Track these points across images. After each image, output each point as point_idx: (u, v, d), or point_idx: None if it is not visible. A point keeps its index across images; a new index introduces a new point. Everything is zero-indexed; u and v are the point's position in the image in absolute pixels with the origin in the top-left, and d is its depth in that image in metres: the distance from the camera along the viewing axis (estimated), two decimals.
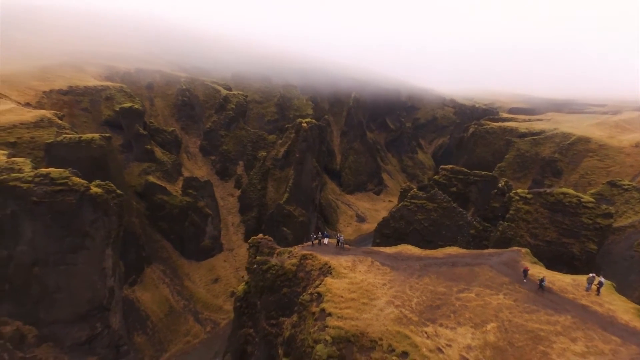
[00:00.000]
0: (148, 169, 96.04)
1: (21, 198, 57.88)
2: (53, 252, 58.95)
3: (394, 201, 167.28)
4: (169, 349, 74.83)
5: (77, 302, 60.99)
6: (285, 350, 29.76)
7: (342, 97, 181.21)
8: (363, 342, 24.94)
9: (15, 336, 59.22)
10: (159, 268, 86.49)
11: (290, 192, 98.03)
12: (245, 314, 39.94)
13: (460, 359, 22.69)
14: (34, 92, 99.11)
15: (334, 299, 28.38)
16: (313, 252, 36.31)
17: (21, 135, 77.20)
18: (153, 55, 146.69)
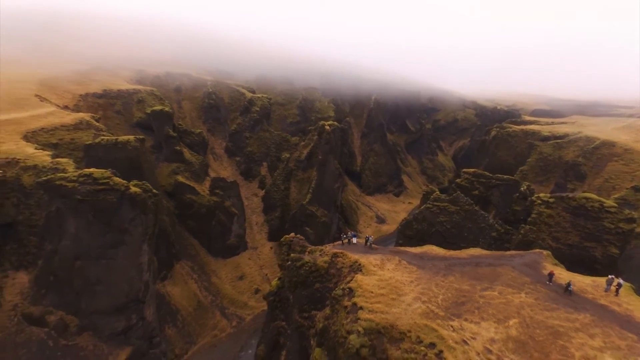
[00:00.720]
0: (177, 169, 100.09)
1: (66, 196, 62.14)
2: (94, 247, 63.01)
3: (413, 203, 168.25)
4: (198, 342, 78.28)
5: (115, 294, 64.89)
6: (318, 341, 32.13)
7: (362, 99, 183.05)
8: (393, 334, 27.10)
9: (59, 325, 63.51)
10: (188, 264, 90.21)
11: (313, 193, 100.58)
12: (278, 307, 42.59)
13: (484, 350, 24.64)
14: (72, 96, 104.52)
15: (365, 294, 30.63)
16: (343, 251, 38.67)
17: (62, 137, 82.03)
18: (180, 59, 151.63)
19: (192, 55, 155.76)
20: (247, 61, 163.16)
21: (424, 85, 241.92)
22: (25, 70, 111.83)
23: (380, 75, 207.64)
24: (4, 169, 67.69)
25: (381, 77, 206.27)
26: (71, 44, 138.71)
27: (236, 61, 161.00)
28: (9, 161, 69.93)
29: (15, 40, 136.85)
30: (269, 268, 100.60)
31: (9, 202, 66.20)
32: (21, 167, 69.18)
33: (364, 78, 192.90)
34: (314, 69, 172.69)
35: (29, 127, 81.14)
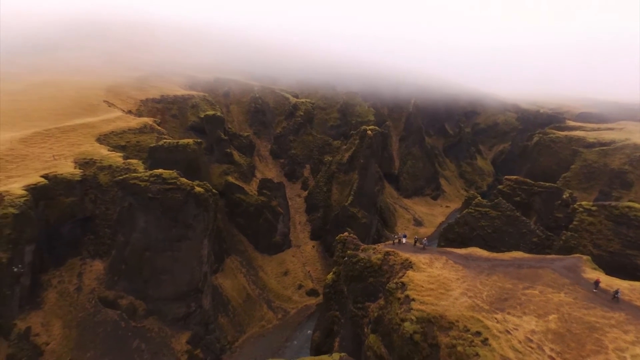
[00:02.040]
0: (227, 170, 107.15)
1: (138, 194, 69.72)
2: (161, 240, 70.27)
3: (451, 207, 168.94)
4: (247, 331, 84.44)
5: (178, 283, 71.94)
6: (373, 328, 36.45)
7: (401, 102, 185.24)
8: (442, 323, 31.03)
9: (130, 308, 71.21)
10: (237, 259, 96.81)
11: (355, 195, 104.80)
12: (332, 298, 47.28)
13: (526, 340, 28.13)
14: (134, 101, 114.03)
15: (416, 288, 34.68)
16: (394, 250, 42.83)
17: (130, 140, 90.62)
18: (228, 64, 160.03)
19: (239, 60, 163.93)
20: (290, 66, 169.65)
21: (464, 88, 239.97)
22: (91, 77, 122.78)
23: (419, 79, 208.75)
24: (84, 168, 76.41)
25: (421, 80, 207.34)
26: (130, 52, 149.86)
27: (280, 66, 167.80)
28: (87, 161, 78.75)
29: (80, 49, 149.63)
30: (311, 265, 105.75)
31: (87, 198, 74.76)
32: (97, 166, 77.76)
33: (403, 81, 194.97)
34: (354, 73, 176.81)
35: (101, 131, 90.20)
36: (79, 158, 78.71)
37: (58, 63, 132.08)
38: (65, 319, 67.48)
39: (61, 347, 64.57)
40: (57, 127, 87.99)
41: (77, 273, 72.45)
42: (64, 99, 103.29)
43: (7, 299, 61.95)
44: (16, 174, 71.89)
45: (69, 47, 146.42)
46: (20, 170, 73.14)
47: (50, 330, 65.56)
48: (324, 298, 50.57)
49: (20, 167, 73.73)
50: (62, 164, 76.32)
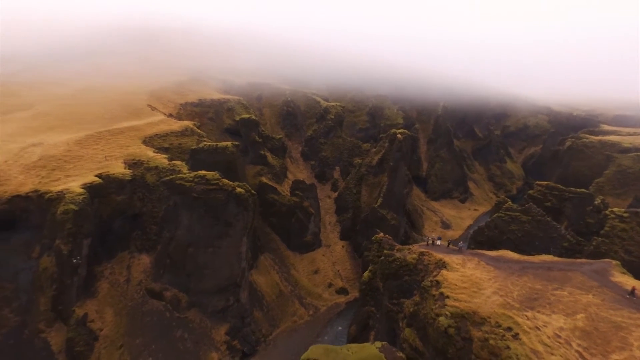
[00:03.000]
0: (261, 171, 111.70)
1: (183, 193, 74.79)
2: (204, 236, 75.11)
3: (479, 210, 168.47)
4: (280, 326, 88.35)
5: (219, 277, 76.60)
6: (408, 323, 39.38)
7: (430, 105, 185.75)
8: (475, 319, 33.68)
9: (174, 300, 76.33)
10: (270, 257, 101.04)
11: (384, 198, 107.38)
12: (368, 295, 50.43)
13: (554, 335, 30.45)
14: (174, 105, 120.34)
15: (450, 286, 37.40)
16: (428, 250, 45.58)
17: (172, 142, 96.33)
18: (260, 68, 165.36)
19: (271, 64, 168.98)
20: (320, 69, 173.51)
21: (494, 89, 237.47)
22: (133, 82, 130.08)
23: (448, 81, 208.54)
24: (133, 169, 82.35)
25: (450, 82, 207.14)
26: (169, 57, 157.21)
27: (311, 70, 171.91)
28: (135, 162, 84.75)
29: (122, 55, 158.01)
30: (341, 265, 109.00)
31: (136, 196, 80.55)
32: (145, 167, 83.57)
33: (432, 84, 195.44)
34: (383, 76, 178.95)
35: (146, 133, 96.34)
36: (128, 159, 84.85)
37: (102, 68, 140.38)
38: (116, 307, 73.28)
39: (113, 333, 70.30)
40: (107, 130, 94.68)
41: (126, 266, 78.33)
42: (111, 103, 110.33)
43: (67, 287, 68.18)
44: (73, 173, 78.45)
45: (111, 52, 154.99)
46: (77, 170, 79.70)
47: (103, 317, 71.43)
48: (360, 294, 53.78)
49: (76, 167, 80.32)
50: (113, 164, 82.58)
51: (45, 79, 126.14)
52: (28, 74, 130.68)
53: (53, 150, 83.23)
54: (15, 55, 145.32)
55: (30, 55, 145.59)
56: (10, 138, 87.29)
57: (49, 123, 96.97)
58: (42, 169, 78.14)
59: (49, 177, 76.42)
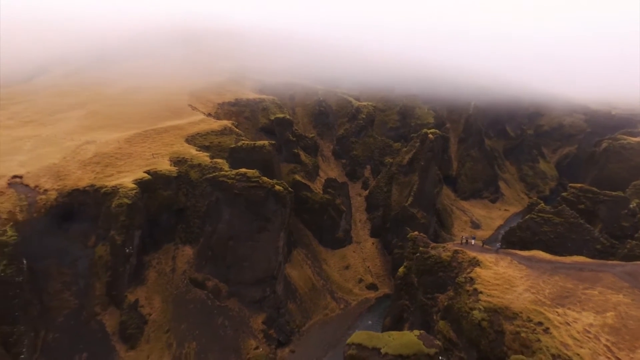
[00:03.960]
0: (294, 169, 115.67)
1: (225, 190, 79.55)
2: (244, 231, 79.71)
3: (510, 210, 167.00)
4: (313, 318, 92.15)
5: (257, 269, 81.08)
6: (442, 316, 42.09)
7: (460, 103, 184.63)
8: (507, 313, 36.08)
9: (215, 289, 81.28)
10: (303, 252, 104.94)
11: (415, 197, 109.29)
12: (403, 289, 53.33)
13: (584, 331, 32.53)
14: (212, 104, 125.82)
15: (483, 283, 39.84)
16: (462, 249, 48.00)
17: (212, 141, 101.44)
18: (293, 68, 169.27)
19: (303, 64, 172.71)
20: (351, 69, 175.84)
21: (528, 87, 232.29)
22: (174, 83, 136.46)
23: (480, 79, 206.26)
24: (178, 166, 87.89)
25: (481, 80, 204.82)
26: (207, 58, 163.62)
27: (342, 69, 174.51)
28: (179, 159, 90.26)
29: (163, 56, 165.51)
30: (371, 261, 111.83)
31: (181, 192, 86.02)
32: (189, 165, 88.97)
33: (463, 82, 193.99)
34: (414, 75, 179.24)
35: (188, 132, 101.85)
36: (173, 157, 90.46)
37: (145, 69, 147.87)
38: (163, 294, 78.99)
39: (161, 318, 75.97)
40: (153, 129, 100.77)
41: (172, 256, 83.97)
42: (155, 103, 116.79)
43: (120, 274, 74.25)
44: (125, 169, 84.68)
45: (153, 54, 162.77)
46: (127, 166, 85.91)
47: (152, 303, 77.25)
48: (395, 288, 56.73)
49: (127, 164, 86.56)
50: (160, 161, 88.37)
51: (94, 80, 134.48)
52: (79, 75, 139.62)
53: (105, 148, 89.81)
54: (68, 58, 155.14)
55: (80, 58, 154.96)
56: (67, 136, 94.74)
57: (100, 122, 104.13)
58: (97, 165, 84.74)
59: (103, 172, 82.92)
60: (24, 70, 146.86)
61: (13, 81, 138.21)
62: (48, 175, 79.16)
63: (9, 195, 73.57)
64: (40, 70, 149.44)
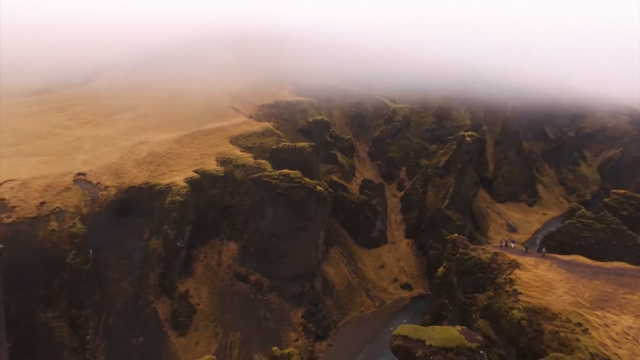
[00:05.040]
0: (331, 169, 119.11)
1: (269, 189, 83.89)
2: (286, 228, 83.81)
3: (548, 214, 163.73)
4: (348, 314, 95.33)
5: (297, 266, 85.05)
6: (481, 314, 44.20)
7: (497, 104, 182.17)
8: (546, 314, 37.91)
9: (257, 284, 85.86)
10: (339, 250, 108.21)
11: (450, 199, 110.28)
12: (442, 288, 55.59)
13: (623, 333, 34.00)
14: (252, 107, 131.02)
15: (523, 284, 41.69)
16: (502, 251, 49.80)
17: (255, 142, 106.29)
18: (330, 71, 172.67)
19: (339, 66, 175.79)
20: (387, 71, 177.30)
21: (569, 87, 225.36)
22: (217, 85, 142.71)
23: (518, 79, 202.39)
24: (224, 166, 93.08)
25: (519, 81, 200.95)
26: (246, 61, 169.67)
27: (377, 71, 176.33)
28: (225, 160, 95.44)
29: (206, 60, 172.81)
30: (406, 261, 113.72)
31: (226, 191, 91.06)
32: (234, 165, 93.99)
33: (500, 83, 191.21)
34: (450, 77, 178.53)
35: (232, 134, 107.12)
36: (219, 157, 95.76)
37: (190, 72, 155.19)
38: (210, 286, 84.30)
39: (208, 308, 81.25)
40: (199, 130, 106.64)
41: (217, 251, 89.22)
42: (200, 105, 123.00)
43: (171, 266, 79.93)
44: (175, 168, 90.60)
45: (196, 58, 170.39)
46: (178, 165, 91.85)
47: (200, 294, 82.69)
48: (434, 287, 59.02)
49: (177, 163, 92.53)
50: (207, 161, 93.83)
51: (142, 84, 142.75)
52: (128, 79, 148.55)
53: (157, 148, 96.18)
54: (117, 62, 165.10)
55: (129, 62, 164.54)
56: (122, 136, 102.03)
57: (150, 123, 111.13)
58: (150, 164, 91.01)
59: (156, 171, 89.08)
60: (79, 74, 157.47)
61: (69, 84, 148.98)
62: (108, 173, 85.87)
63: (75, 191, 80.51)
64: (94, 74, 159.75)
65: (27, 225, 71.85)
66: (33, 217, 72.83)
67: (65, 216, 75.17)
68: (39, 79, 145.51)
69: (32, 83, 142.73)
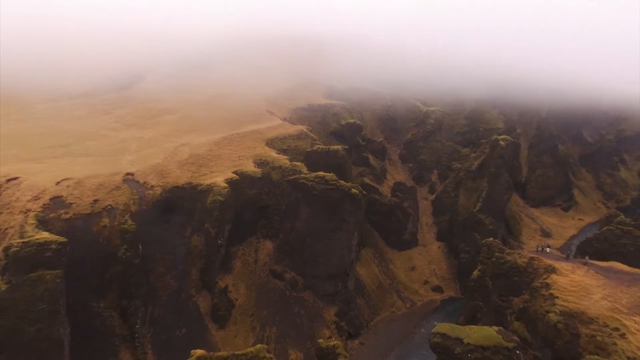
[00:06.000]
0: (363, 172, 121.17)
1: (305, 191, 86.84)
2: (320, 229, 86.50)
3: (585, 220, 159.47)
4: (380, 314, 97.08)
5: (331, 265, 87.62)
6: (517, 317, 45.41)
7: (532, 106, 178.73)
8: (583, 318, 38.91)
9: (292, 281, 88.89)
10: (370, 251, 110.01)
11: (483, 203, 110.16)
12: (476, 291, 56.90)
13: None
14: (286, 109, 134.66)
15: (559, 289, 42.69)
16: (538, 256, 50.72)
17: (290, 144, 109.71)
18: (361, 73, 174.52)
19: (370, 69, 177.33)
20: (418, 73, 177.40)
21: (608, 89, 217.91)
22: (252, 89, 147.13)
23: (554, 82, 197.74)
24: (261, 167, 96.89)
25: (556, 83, 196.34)
26: (279, 65, 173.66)
27: (408, 73, 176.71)
28: (262, 162, 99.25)
29: (241, 63, 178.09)
30: (436, 264, 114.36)
31: (263, 191, 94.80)
32: (270, 166, 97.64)
33: (535, 85, 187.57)
34: (483, 79, 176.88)
35: (267, 136, 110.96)
36: (256, 159, 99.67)
37: (226, 76, 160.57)
38: (247, 282, 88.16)
39: (246, 303, 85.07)
40: (237, 133, 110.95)
41: (254, 249, 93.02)
42: (236, 109, 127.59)
43: (212, 262, 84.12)
44: (216, 169, 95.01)
45: (232, 61, 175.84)
46: (218, 167, 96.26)
47: (238, 290, 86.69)
48: (469, 290, 60.35)
49: (217, 165, 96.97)
50: (245, 163, 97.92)
51: (182, 87, 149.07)
52: (169, 82, 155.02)
53: (198, 150, 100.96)
54: (156, 66, 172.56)
55: (167, 65, 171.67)
56: (165, 138, 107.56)
57: (190, 126, 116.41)
58: (192, 165, 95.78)
59: (198, 172, 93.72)
60: (122, 78, 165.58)
61: (113, 87, 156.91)
62: (153, 174, 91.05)
63: (124, 190, 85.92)
64: (136, 78, 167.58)
65: (82, 221, 77.61)
66: (87, 214, 78.54)
67: (116, 213, 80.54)
68: (84, 82, 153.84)
69: (78, 86, 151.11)
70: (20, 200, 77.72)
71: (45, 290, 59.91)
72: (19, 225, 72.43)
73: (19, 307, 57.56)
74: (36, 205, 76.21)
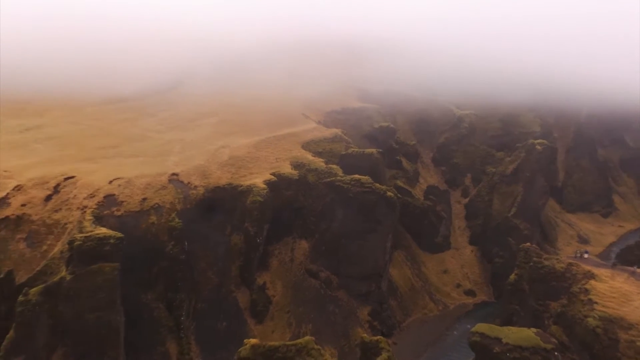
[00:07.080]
0: (396, 174, 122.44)
1: (341, 193, 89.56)
2: (355, 230, 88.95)
3: (625, 227, 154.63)
4: (412, 315, 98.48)
5: (365, 266, 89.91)
6: (554, 321, 46.35)
7: (570, 110, 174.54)
8: (622, 324, 39.66)
9: (327, 280, 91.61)
10: (402, 253, 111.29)
11: (518, 207, 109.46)
12: (513, 294, 57.88)
13: None
14: (321, 113, 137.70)
15: (598, 294, 43.43)
16: (576, 262, 51.33)
17: (324, 147, 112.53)
18: (394, 76, 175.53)
19: (403, 72, 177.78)
20: (451, 76, 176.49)
21: None
22: (287, 92, 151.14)
23: (594, 85, 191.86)
24: (298, 169, 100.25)
25: (595, 86, 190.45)
26: (313, 68, 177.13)
27: (441, 76, 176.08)
28: (298, 164, 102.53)
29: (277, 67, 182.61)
30: (469, 268, 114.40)
31: (299, 193, 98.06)
32: (306, 169, 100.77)
33: (574, 88, 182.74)
34: (518, 81, 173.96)
35: (303, 139, 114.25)
36: (293, 161, 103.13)
37: (263, 79, 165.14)
38: (284, 280, 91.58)
39: (282, 300, 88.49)
40: (274, 136, 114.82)
41: (290, 248, 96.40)
42: (273, 112, 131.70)
43: (251, 260, 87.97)
44: (254, 171, 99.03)
45: (268, 65, 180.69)
46: (256, 168, 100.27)
47: (275, 287, 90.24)
48: (505, 293, 61.35)
49: (256, 167, 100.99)
50: (282, 165, 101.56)
51: (221, 90, 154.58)
52: (208, 86, 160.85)
53: (237, 152, 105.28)
54: (195, 70, 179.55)
55: (206, 69, 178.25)
56: (206, 140, 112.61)
57: (230, 128, 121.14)
58: (232, 166, 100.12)
59: (238, 173, 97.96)
60: (164, 82, 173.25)
61: (156, 91, 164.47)
62: (197, 174, 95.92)
63: (170, 190, 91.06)
64: (177, 82, 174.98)
65: (132, 218, 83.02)
66: (137, 211, 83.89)
67: (163, 211, 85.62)
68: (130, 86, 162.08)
69: (124, 90, 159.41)
70: (77, 198, 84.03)
71: (104, 281, 65.18)
72: (77, 221, 78.57)
73: (82, 296, 62.96)
74: (92, 203, 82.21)
